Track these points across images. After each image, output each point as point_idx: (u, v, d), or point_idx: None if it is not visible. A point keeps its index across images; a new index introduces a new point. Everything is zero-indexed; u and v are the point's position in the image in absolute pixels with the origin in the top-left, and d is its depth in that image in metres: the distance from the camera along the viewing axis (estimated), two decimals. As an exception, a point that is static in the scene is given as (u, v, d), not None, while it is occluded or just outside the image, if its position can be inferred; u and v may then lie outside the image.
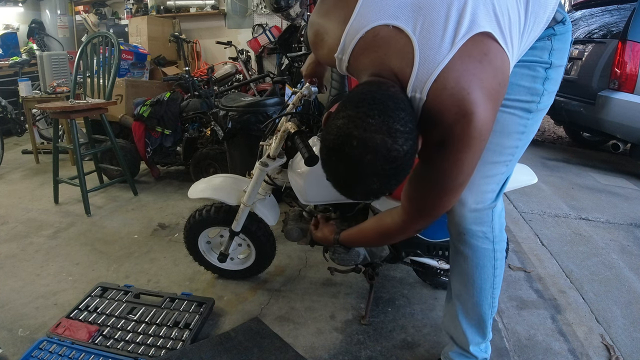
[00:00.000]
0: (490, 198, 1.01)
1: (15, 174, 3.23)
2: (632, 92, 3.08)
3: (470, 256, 1.05)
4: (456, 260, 1.09)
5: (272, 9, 3.05)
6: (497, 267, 1.06)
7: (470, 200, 0.99)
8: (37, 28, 4.95)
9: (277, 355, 1.34)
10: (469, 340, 1.15)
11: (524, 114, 0.98)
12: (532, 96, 0.97)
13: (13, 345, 1.41)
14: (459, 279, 1.11)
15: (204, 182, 1.61)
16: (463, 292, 1.11)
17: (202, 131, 2.89)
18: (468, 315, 1.13)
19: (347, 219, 1.53)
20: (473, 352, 1.17)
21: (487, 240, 1.03)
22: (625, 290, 1.75)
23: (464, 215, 1.01)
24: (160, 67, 4.35)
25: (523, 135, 0.99)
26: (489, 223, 1.02)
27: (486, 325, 1.13)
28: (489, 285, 1.07)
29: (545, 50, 0.97)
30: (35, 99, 3.30)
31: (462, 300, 1.12)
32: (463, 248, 1.05)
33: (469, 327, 1.14)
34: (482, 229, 1.02)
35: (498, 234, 1.05)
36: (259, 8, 4.71)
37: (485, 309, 1.10)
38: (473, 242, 1.03)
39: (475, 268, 1.05)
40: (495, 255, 1.05)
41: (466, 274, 1.08)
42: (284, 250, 1.99)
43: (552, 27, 0.96)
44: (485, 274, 1.06)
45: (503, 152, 0.99)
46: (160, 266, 1.90)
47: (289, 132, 1.26)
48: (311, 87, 1.50)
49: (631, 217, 2.48)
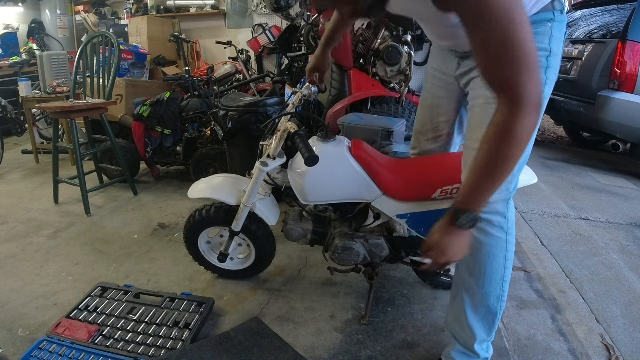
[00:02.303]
0: (506, 189, 1.03)
1: (15, 174, 3.23)
2: (632, 92, 3.08)
3: (485, 243, 1.06)
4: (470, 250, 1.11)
5: (272, 9, 3.06)
6: (507, 259, 1.08)
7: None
8: (37, 28, 4.95)
9: (277, 355, 1.34)
10: (476, 335, 1.15)
11: None
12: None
13: (13, 345, 1.41)
14: (470, 269, 1.12)
15: (204, 182, 1.61)
16: (473, 283, 1.12)
17: (202, 131, 2.89)
18: (476, 309, 1.13)
19: (347, 219, 1.53)
20: (477, 350, 1.17)
21: (501, 230, 1.05)
22: (625, 290, 1.75)
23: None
24: (160, 67, 4.35)
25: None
26: (504, 213, 1.05)
27: (494, 320, 1.14)
28: (499, 277, 1.09)
29: (546, 36, 0.98)
30: (35, 99, 3.30)
31: (471, 292, 1.13)
32: (478, 235, 1.06)
33: (476, 322, 1.14)
34: (498, 219, 1.05)
35: (512, 227, 1.07)
36: (259, 8, 4.71)
37: (494, 302, 1.11)
38: (489, 230, 1.05)
39: (488, 257, 1.07)
40: (508, 247, 1.07)
41: (478, 262, 1.09)
42: (284, 250, 1.99)
43: (552, 12, 0.98)
44: (496, 264, 1.08)
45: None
46: (160, 266, 1.90)
47: (289, 132, 1.26)
48: (311, 87, 1.50)
49: (631, 217, 2.48)
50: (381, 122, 1.93)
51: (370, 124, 1.90)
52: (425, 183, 1.32)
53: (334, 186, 1.37)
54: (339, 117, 2.09)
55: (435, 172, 1.33)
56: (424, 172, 1.35)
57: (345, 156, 1.35)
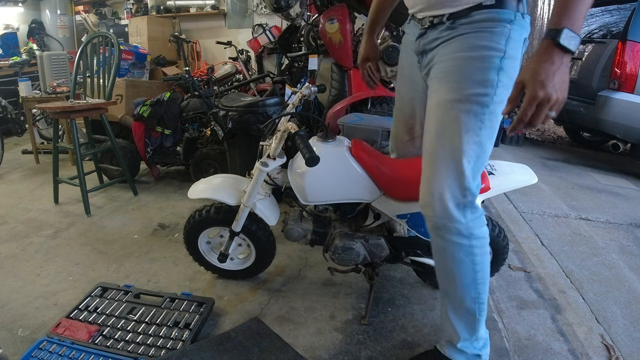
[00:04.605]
0: (458, 195, 1.03)
1: (15, 174, 3.23)
2: (632, 92, 3.08)
3: (445, 249, 1.07)
4: (436, 255, 1.13)
5: (272, 9, 3.05)
6: (477, 263, 1.07)
7: (439, 196, 1.03)
8: (37, 28, 4.95)
9: (277, 355, 1.33)
10: (460, 335, 1.16)
11: (479, 108, 0.99)
12: (486, 88, 0.98)
13: (13, 345, 1.41)
14: (442, 274, 1.14)
15: (204, 182, 1.61)
16: (448, 287, 1.14)
17: (202, 131, 2.89)
18: (455, 310, 1.15)
19: (347, 219, 1.54)
20: (461, 347, 1.17)
21: (460, 236, 1.05)
22: (625, 290, 1.75)
23: (435, 210, 1.04)
24: (160, 67, 4.36)
25: (481, 131, 1.00)
26: (459, 219, 1.04)
27: (475, 320, 1.14)
28: (469, 281, 1.09)
29: (503, 37, 0.97)
30: (35, 99, 3.30)
31: (448, 295, 1.15)
32: (440, 241, 1.08)
33: (458, 322, 1.15)
34: (454, 225, 1.04)
35: (476, 232, 1.06)
36: (259, 8, 4.71)
37: (470, 303, 1.11)
38: (446, 236, 1.06)
39: (452, 262, 1.08)
40: (474, 251, 1.06)
41: (445, 267, 1.11)
42: (284, 250, 1.99)
43: (514, 13, 0.97)
44: (464, 269, 1.08)
45: (464, 148, 1.00)
46: (160, 266, 1.90)
47: (289, 132, 1.26)
48: (311, 87, 1.50)
49: (631, 217, 2.48)
50: (381, 122, 1.93)
51: (370, 124, 1.90)
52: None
53: (334, 186, 1.37)
54: (339, 117, 2.09)
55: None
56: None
57: (345, 156, 1.35)
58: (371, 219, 1.50)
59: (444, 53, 1.06)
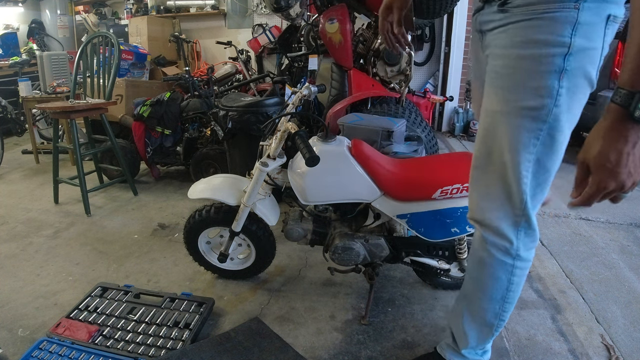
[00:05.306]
0: (511, 215, 0.94)
1: (15, 174, 3.23)
2: (632, 92, 3.08)
3: (488, 263, 1.00)
4: (472, 262, 1.06)
5: (272, 9, 3.05)
6: (512, 283, 1.01)
7: (490, 214, 0.95)
8: (37, 28, 4.96)
9: (277, 355, 1.33)
10: (469, 341, 1.13)
11: (533, 124, 0.83)
12: (543, 99, 0.80)
13: (13, 345, 1.41)
14: (472, 281, 1.08)
15: (204, 182, 1.61)
16: (472, 294, 1.08)
17: (202, 131, 2.89)
18: (472, 318, 1.10)
19: (347, 219, 1.54)
20: (464, 353, 1.15)
21: (506, 255, 0.98)
22: (625, 290, 1.75)
23: (486, 225, 0.97)
24: (160, 67, 4.36)
25: (536, 148, 0.86)
26: (512, 240, 0.95)
27: (489, 333, 1.10)
28: (499, 297, 1.03)
29: (567, 24, 0.74)
30: (35, 99, 3.30)
31: (471, 301, 1.10)
32: (481, 252, 1.01)
33: (471, 329, 1.12)
34: (502, 243, 0.96)
35: (523, 255, 0.97)
36: (259, 8, 4.71)
37: (491, 317, 1.06)
38: (492, 252, 0.98)
39: (490, 277, 1.01)
40: (514, 272, 0.99)
41: (480, 278, 1.04)
42: (284, 250, 1.99)
43: None
44: (499, 285, 1.01)
45: (515, 168, 0.88)
46: (160, 266, 1.90)
47: (289, 132, 1.26)
48: (311, 87, 1.50)
49: (631, 217, 2.47)
50: (381, 122, 1.93)
51: (370, 124, 1.90)
52: (425, 183, 1.32)
53: (334, 186, 1.37)
54: (339, 117, 2.09)
55: (435, 172, 1.33)
56: (424, 172, 1.35)
57: (345, 156, 1.35)
58: (371, 219, 1.50)
59: (496, 46, 0.88)
